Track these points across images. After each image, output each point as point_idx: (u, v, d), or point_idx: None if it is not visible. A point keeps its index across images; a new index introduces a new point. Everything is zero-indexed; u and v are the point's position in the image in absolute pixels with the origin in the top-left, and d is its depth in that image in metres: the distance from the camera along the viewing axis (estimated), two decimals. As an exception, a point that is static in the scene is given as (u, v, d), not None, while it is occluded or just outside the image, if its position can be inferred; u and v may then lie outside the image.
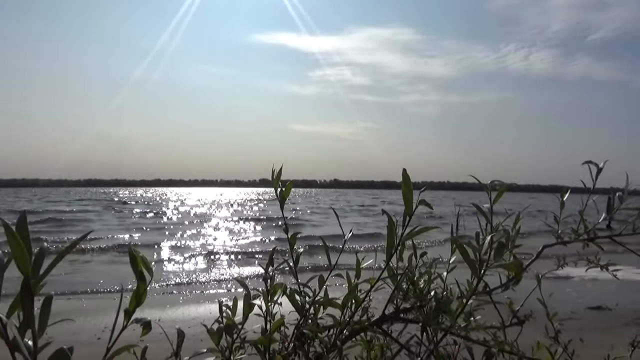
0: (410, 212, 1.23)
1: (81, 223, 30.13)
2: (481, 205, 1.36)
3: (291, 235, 1.58)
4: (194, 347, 1.17)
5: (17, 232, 0.58)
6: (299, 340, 1.40)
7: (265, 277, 1.40)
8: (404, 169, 1.19)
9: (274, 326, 1.32)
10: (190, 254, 17.12)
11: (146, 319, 0.78)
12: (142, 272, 0.76)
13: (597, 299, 9.53)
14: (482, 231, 1.34)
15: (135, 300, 0.75)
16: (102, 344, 6.47)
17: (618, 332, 6.96)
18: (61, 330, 1.00)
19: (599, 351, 1.69)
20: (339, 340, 1.38)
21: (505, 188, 1.34)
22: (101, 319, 8.05)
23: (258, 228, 28.14)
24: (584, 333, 5.38)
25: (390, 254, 1.32)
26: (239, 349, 1.26)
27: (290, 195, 1.57)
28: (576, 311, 8.38)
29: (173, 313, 8.72)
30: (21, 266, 0.58)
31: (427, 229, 1.28)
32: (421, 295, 1.43)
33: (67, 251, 0.62)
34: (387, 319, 1.48)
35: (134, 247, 0.80)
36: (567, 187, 1.52)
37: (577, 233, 1.42)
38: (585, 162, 1.40)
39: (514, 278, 1.36)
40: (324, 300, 1.41)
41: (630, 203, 1.37)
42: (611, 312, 8.64)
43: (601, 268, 1.46)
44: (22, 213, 0.60)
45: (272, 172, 1.54)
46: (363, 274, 1.43)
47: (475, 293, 1.29)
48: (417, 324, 1.38)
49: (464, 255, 1.25)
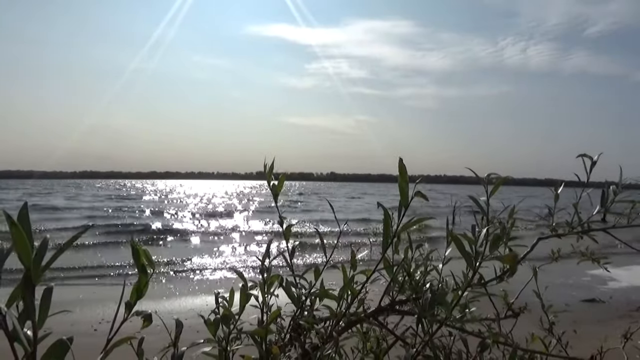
0: (405, 203, 1.23)
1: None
2: (478, 198, 1.37)
3: (286, 227, 1.58)
4: (191, 338, 1.17)
5: (19, 222, 0.58)
6: (296, 332, 1.41)
7: (262, 268, 1.41)
8: (400, 159, 1.19)
9: (271, 317, 1.32)
10: (187, 245, 17.12)
11: (147, 312, 0.78)
12: (144, 264, 0.76)
13: (591, 291, 9.61)
14: (478, 224, 1.35)
15: (136, 293, 0.76)
16: (98, 336, 6.46)
17: (611, 324, 7.03)
18: (59, 321, 1.00)
19: (592, 342, 1.71)
20: (335, 331, 1.39)
21: (501, 181, 1.35)
22: (99, 310, 8.06)
23: (257, 219, 28.15)
24: (577, 325, 5.43)
25: (386, 246, 1.33)
26: (235, 340, 1.27)
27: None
28: (570, 303, 8.45)
29: (170, 304, 8.74)
30: (23, 257, 0.58)
31: (422, 220, 1.28)
32: (417, 287, 1.44)
33: (69, 244, 0.62)
34: (383, 310, 1.49)
35: (136, 238, 0.80)
36: (561, 181, 1.53)
37: (571, 226, 1.43)
38: (580, 155, 1.41)
39: (509, 270, 1.37)
40: (320, 291, 1.42)
41: (625, 196, 1.38)
42: (604, 305, 8.72)
43: (593, 261, 1.47)
44: (24, 204, 0.60)
45: (264, 166, 1.54)
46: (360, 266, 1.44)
47: (470, 285, 1.30)
48: (413, 316, 1.39)
49: (459, 247, 1.26)
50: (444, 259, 1.45)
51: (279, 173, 1.56)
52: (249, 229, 23.34)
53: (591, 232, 1.41)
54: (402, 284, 1.46)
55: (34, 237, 0.59)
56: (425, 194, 1.22)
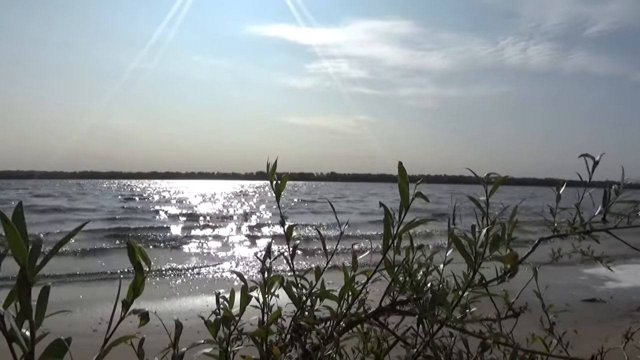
0: (406, 204, 1.23)
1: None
2: (477, 197, 1.37)
3: (288, 227, 1.58)
4: (191, 339, 1.17)
5: (14, 221, 0.58)
6: (296, 332, 1.41)
7: (263, 268, 1.40)
8: (400, 162, 1.20)
9: (272, 318, 1.32)
10: (187, 244, 17.14)
11: (144, 310, 0.78)
12: (139, 262, 0.76)
13: (591, 291, 9.61)
14: (479, 224, 1.35)
15: (133, 292, 0.75)
16: (98, 336, 6.48)
17: (612, 324, 7.02)
18: (57, 322, 1.00)
19: (593, 343, 1.70)
20: (335, 332, 1.38)
21: (501, 181, 1.35)
22: (98, 310, 8.05)
23: (256, 219, 28.16)
24: (578, 325, 5.42)
25: (387, 246, 1.32)
26: (236, 341, 1.26)
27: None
28: (571, 303, 8.44)
29: (170, 305, 8.74)
30: (18, 256, 0.58)
31: (423, 221, 1.28)
32: (417, 287, 1.43)
33: (64, 242, 0.61)
34: (384, 311, 1.48)
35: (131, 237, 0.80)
36: (563, 180, 1.52)
37: (572, 226, 1.42)
38: (582, 155, 1.41)
39: (510, 270, 1.36)
40: (321, 292, 1.41)
41: (626, 196, 1.38)
42: (605, 305, 8.72)
43: (595, 260, 1.47)
44: (19, 203, 0.60)
45: (267, 165, 1.53)
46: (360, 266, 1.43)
47: (471, 285, 1.30)
48: (414, 316, 1.39)
49: (459, 248, 1.26)
50: (444, 259, 1.45)
51: (281, 173, 1.56)
52: (255, 230, 23.33)
53: (593, 233, 1.41)
54: (402, 284, 1.46)
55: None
56: (425, 195, 1.22)
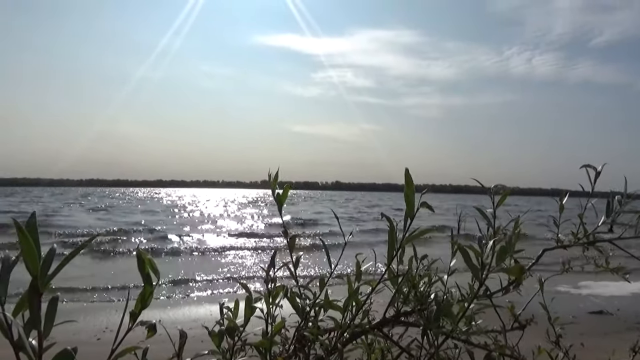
0: (411, 214, 1.23)
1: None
2: (484, 209, 1.37)
3: (290, 238, 1.58)
4: (195, 349, 1.17)
5: (28, 231, 0.58)
6: (300, 343, 1.40)
7: (267, 279, 1.41)
8: (407, 169, 1.18)
9: (275, 329, 1.32)
10: (191, 254, 17.13)
11: (152, 322, 0.78)
12: (148, 274, 0.76)
13: (598, 303, 9.51)
14: (485, 235, 1.35)
15: (141, 303, 0.76)
16: (102, 345, 6.41)
17: (619, 337, 6.93)
18: (61, 330, 1.01)
19: (600, 356, 1.69)
20: (339, 343, 1.38)
21: (508, 192, 1.35)
22: (101, 319, 8.04)
23: (261, 228, 28.13)
24: (585, 338, 5.36)
25: (391, 257, 1.32)
26: (240, 351, 1.26)
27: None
28: (577, 316, 8.35)
29: (174, 314, 8.72)
30: (30, 265, 0.59)
31: (427, 231, 1.28)
32: (422, 298, 1.43)
33: (76, 253, 0.62)
34: (388, 322, 1.48)
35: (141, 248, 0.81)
36: (566, 191, 1.52)
37: (577, 237, 1.42)
38: (583, 166, 1.40)
39: (515, 282, 1.36)
40: (324, 302, 1.41)
41: (631, 207, 1.37)
42: (612, 317, 8.62)
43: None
44: (32, 213, 0.61)
45: (269, 175, 1.53)
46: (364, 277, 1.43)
47: (476, 297, 1.30)
48: (418, 328, 1.39)
49: (465, 259, 1.26)
50: (449, 269, 1.45)
51: (284, 182, 1.56)
52: (262, 240, 23.28)
53: (597, 243, 1.40)
54: (407, 295, 1.46)
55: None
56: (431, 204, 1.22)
